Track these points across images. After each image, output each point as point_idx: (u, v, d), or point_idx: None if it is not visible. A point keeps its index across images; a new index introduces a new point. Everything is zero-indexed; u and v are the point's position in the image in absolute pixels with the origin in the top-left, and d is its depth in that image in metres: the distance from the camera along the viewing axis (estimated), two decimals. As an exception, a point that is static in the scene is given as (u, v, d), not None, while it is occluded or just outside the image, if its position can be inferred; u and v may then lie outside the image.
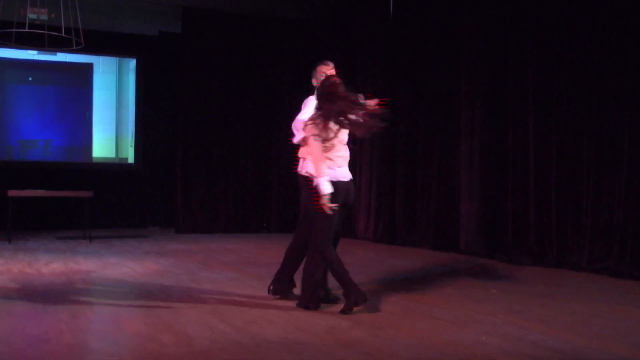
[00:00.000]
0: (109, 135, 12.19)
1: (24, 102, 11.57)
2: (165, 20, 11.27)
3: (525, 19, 7.53)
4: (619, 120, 6.56)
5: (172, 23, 11.13)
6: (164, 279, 6.11)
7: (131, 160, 12.21)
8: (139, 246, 8.84)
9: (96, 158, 12.05)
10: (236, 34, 11.16)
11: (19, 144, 11.54)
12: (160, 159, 12.04)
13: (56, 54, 11.33)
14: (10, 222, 8.87)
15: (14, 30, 7.78)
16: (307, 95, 5.13)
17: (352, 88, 5.15)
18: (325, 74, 5.12)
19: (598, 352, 3.72)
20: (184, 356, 3.53)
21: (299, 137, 4.90)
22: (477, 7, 8.20)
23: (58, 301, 4.97)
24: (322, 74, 5.12)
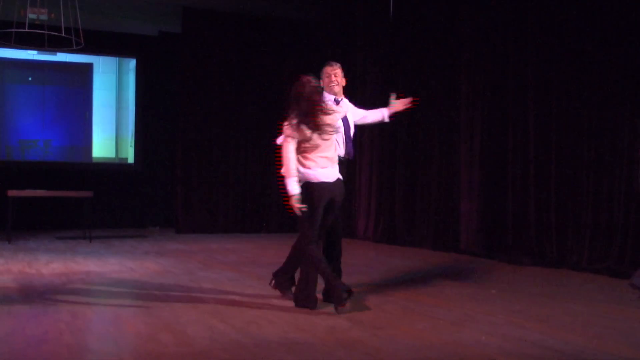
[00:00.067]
0: (109, 135, 12.19)
1: (23, 102, 11.57)
2: (165, 20, 11.26)
3: (525, 19, 7.53)
4: (619, 120, 6.56)
5: (172, 23, 11.13)
6: (163, 279, 6.10)
7: (131, 160, 12.21)
8: (139, 246, 8.84)
9: (96, 158, 12.06)
10: (236, 34, 11.16)
11: (19, 144, 11.55)
12: (160, 159, 12.04)
13: (56, 54, 11.33)
14: (10, 222, 8.87)
15: (13, 30, 7.78)
16: None
17: (352, 88, 5.15)
18: (329, 74, 5.14)
19: (598, 352, 3.72)
20: (184, 356, 3.53)
21: (281, 138, 4.88)
22: (477, 8, 8.20)
23: (58, 301, 4.97)
24: (326, 75, 5.14)
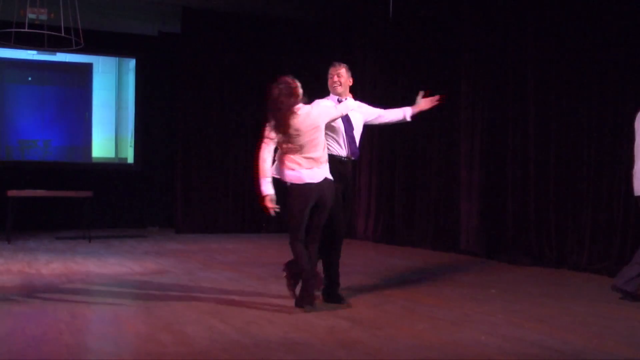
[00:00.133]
0: (109, 136, 12.19)
1: (23, 102, 11.57)
2: (165, 20, 11.26)
3: (525, 19, 7.53)
4: (618, 119, 6.56)
5: (172, 23, 11.13)
6: (163, 279, 6.10)
7: (131, 160, 12.21)
8: (139, 246, 8.84)
9: (96, 158, 12.05)
10: (236, 34, 11.16)
11: (19, 144, 11.54)
12: (160, 159, 12.03)
13: (56, 54, 11.32)
14: (10, 222, 8.87)
15: (13, 30, 7.77)
16: (307, 96, 5.11)
17: (353, 88, 5.16)
18: (332, 75, 5.16)
19: (598, 352, 3.71)
20: (183, 356, 3.53)
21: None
22: (477, 8, 8.20)
23: (57, 301, 4.98)
24: (329, 76, 5.18)
